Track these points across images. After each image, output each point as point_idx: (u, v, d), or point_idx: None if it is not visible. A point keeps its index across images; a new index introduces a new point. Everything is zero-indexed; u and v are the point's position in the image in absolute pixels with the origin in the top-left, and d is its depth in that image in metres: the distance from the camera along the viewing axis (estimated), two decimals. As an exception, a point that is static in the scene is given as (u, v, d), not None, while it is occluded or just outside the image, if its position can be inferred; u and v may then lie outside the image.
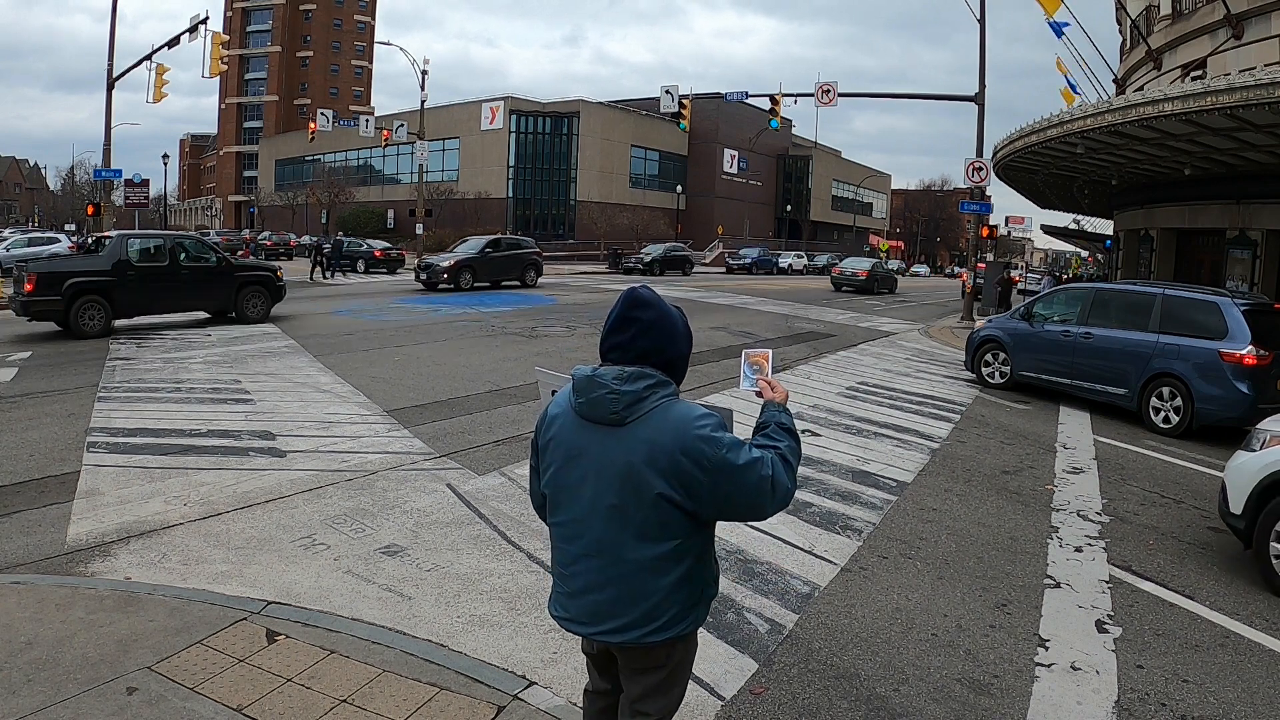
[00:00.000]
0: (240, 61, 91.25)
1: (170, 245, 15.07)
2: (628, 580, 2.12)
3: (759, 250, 50.72)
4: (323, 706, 3.11)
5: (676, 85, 27.21)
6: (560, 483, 2.18)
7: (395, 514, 5.44)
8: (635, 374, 2.06)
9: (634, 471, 2.04)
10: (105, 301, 13.60)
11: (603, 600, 2.15)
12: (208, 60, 22.72)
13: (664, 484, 2.02)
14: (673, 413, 2.05)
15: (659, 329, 2.12)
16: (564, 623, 2.26)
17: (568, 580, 2.22)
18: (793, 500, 2.28)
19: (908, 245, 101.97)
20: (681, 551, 2.12)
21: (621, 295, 2.19)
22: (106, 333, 13.55)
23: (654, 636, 2.15)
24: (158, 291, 14.49)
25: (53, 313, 13.26)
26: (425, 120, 39.18)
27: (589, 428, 2.11)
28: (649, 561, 2.10)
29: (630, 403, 2.04)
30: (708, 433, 2.03)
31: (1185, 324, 9.45)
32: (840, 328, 18.87)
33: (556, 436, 2.19)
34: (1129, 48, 26.93)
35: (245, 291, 15.88)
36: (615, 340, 2.13)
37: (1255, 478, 5.05)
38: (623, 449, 2.05)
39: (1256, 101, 11.18)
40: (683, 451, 2.01)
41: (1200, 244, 20.77)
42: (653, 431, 2.03)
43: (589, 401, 2.09)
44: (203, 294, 15.39)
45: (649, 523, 2.07)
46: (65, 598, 3.93)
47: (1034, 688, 3.69)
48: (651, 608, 2.13)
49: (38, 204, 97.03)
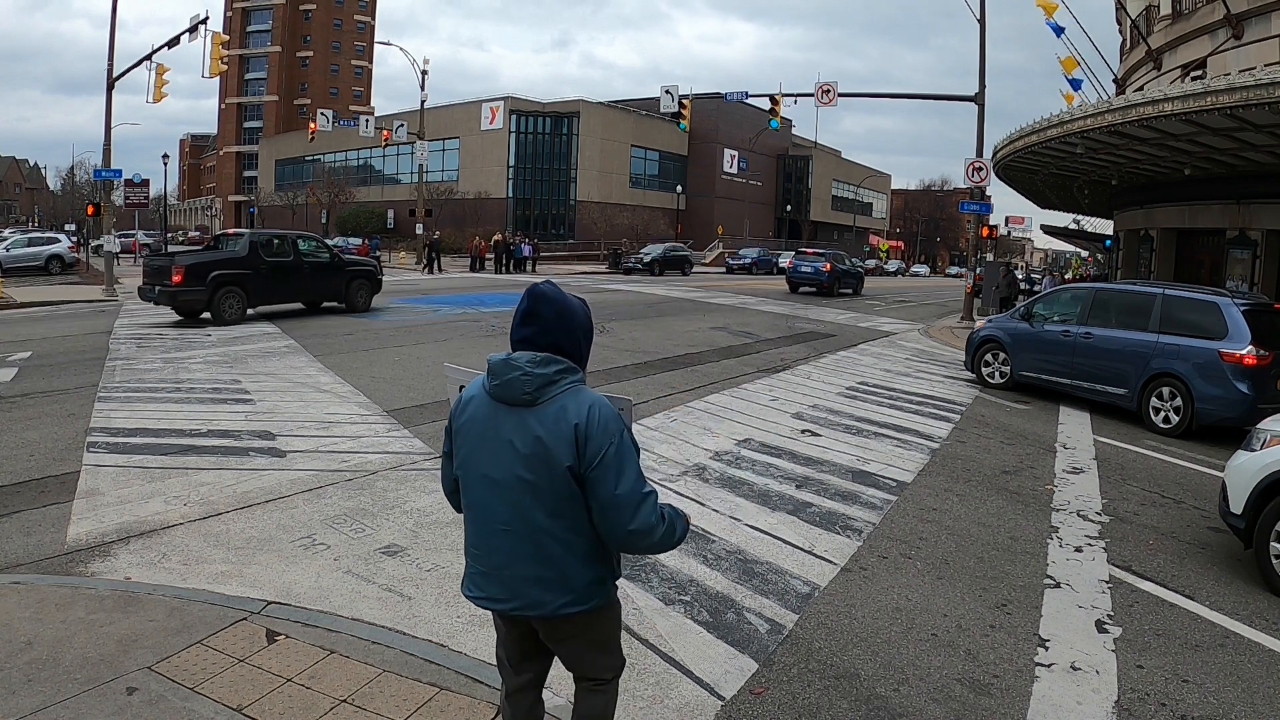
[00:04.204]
0: (240, 61, 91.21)
1: (291, 241, 16.68)
2: (542, 553, 2.22)
3: (759, 250, 50.63)
4: (323, 706, 3.11)
5: (676, 85, 27.16)
6: (473, 462, 2.28)
7: (395, 514, 5.44)
8: (546, 359, 2.20)
9: (544, 447, 2.15)
10: (242, 291, 15.08)
11: (518, 575, 2.25)
12: (208, 60, 22.66)
13: (571, 458, 2.15)
14: (581, 396, 2.20)
15: (562, 323, 2.26)
16: (480, 601, 2.34)
17: (481, 559, 2.31)
18: (682, 542, 2.41)
19: (908, 245, 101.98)
20: (589, 527, 2.24)
21: (525, 291, 2.32)
22: (242, 320, 15.04)
23: (569, 609, 2.26)
24: (283, 283, 16.09)
25: (198, 302, 14.63)
26: (425, 120, 39.20)
27: (502, 409, 2.22)
28: (561, 535, 2.22)
29: (542, 384, 2.18)
30: (610, 418, 2.18)
31: (1185, 324, 9.45)
32: (840, 328, 18.87)
33: (471, 418, 2.30)
34: (1129, 48, 26.93)
35: (354, 284, 17.52)
36: (523, 333, 2.26)
37: (1255, 478, 5.05)
38: (534, 427, 2.17)
39: (1256, 101, 11.18)
40: (587, 429, 2.14)
41: (1200, 244, 20.77)
42: (561, 411, 2.16)
43: (504, 383, 2.21)
44: (320, 285, 16.95)
45: (559, 497, 2.18)
46: (65, 598, 3.93)
47: (1034, 688, 3.69)
48: (566, 580, 2.24)
49: (38, 204, 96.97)
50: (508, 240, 38.72)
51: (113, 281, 21.68)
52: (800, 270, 28.78)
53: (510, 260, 36.99)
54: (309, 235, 18.80)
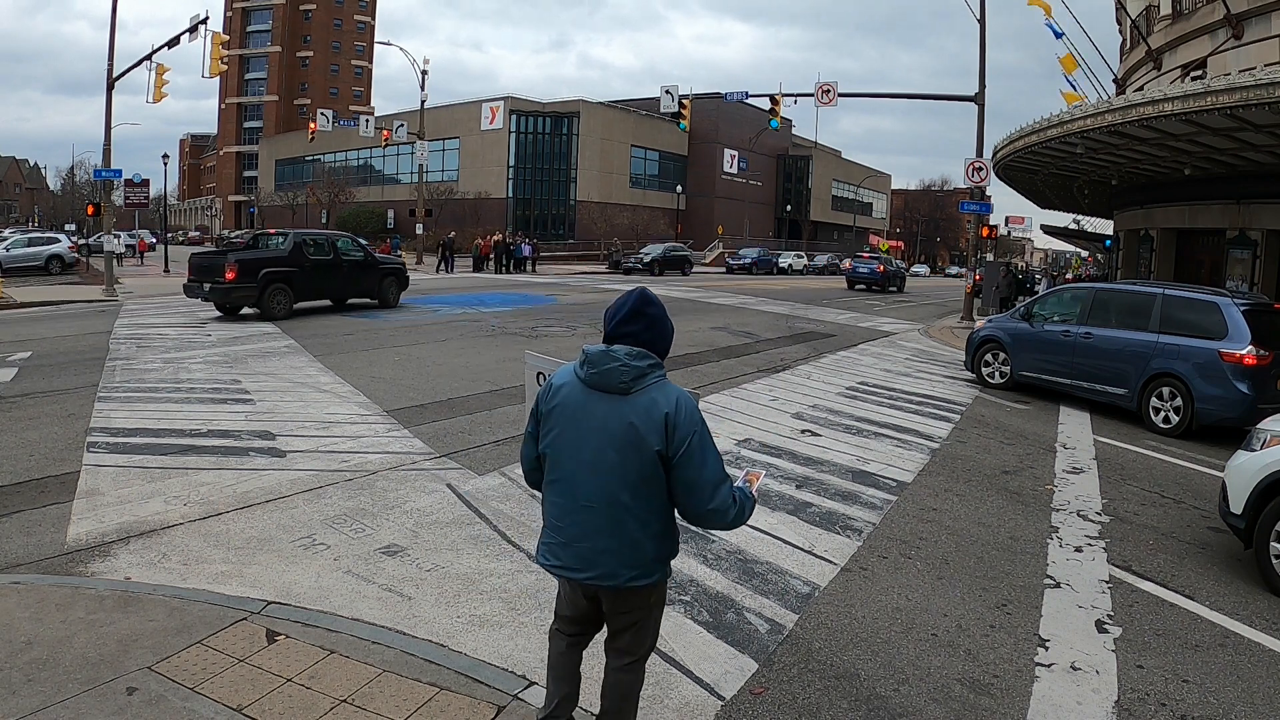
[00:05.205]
0: (240, 61, 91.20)
1: (331, 241, 17.67)
2: (620, 529, 2.48)
3: (759, 250, 50.61)
4: (323, 706, 3.11)
5: (676, 85, 27.11)
6: (562, 442, 2.54)
7: (395, 514, 5.44)
8: (641, 353, 2.50)
9: (637, 433, 2.42)
10: (289, 288, 15.84)
11: (596, 547, 2.50)
12: (208, 60, 22.62)
13: (661, 443, 2.42)
14: (668, 389, 2.50)
15: (661, 324, 2.59)
16: (555, 569, 2.60)
17: (561, 530, 2.56)
18: (749, 516, 2.64)
19: (908, 245, 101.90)
20: (663, 509, 2.53)
21: (634, 293, 2.62)
22: (289, 315, 15.72)
23: (638, 581, 2.53)
24: (325, 280, 16.93)
25: (249, 298, 15.35)
26: (425, 120, 39.19)
27: (595, 395, 2.49)
28: (639, 514, 2.48)
29: (637, 376, 2.47)
30: (694, 409, 2.49)
31: (1185, 324, 9.45)
32: (840, 328, 18.86)
33: (563, 402, 2.55)
34: (1129, 48, 26.93)
35: (385, 280, 18.25)
36: (627, 329, 2.54)
37: (1255, 478, 5.06)
38: (627, 413, 2.44)
39: (1256, 101, 11.18)
40: (676, 418, 2.43)
41: (1200, 244, 20.76)
42: (652, 401, 2.45)
43: (601, 372, 2.48)
44: (357, 283, 17.70)
45: (643, 478, 2.45)
46: (65, 598, 3.93)
47: (1034, 688, 3.69)
48: (638, 555, 2.51)
49: (38, 204, 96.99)
50: (508, 240, 38.76)
51: (113, 281, 21.67)
52: (859, 271, 36.23)
53: (510, 260, 37.04)
54: (344, 235, 19.65)
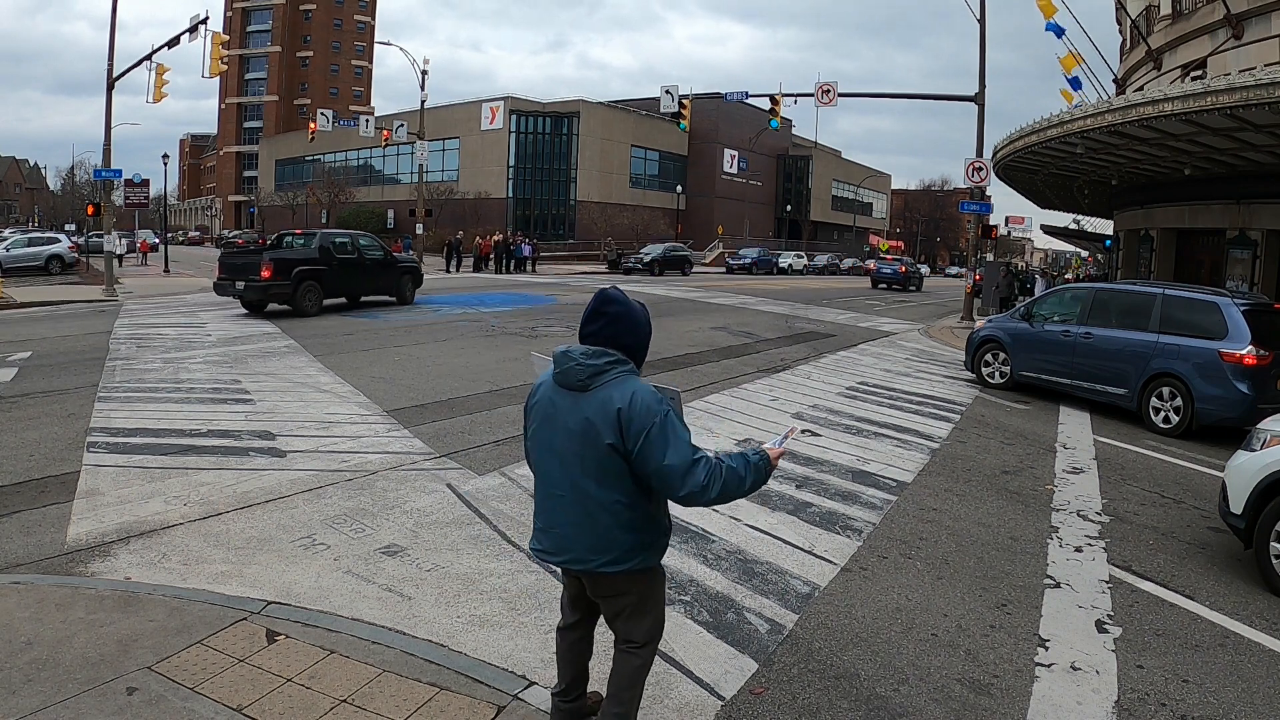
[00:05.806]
0: (240, 61, 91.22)
1: (355, 240, 18.42)
2: (587, 517, 2.62)
3: (759, 250, 50.62)
4: (323, 706, 3.11)
5: (676, 86, 27.10)
6: (539, 437, 2.73)
7: (395, 514, 5.44)
8: (598, 352, 2.61)
9: (591, 426, 2.56)
10: (319, 286, 16.48)
11: (565, 533, 2.67)
12: (208, 60, 22.60)
13: (614, 437, 2.53)
14: (626, 384, 2.58)
15: (621, 321, 2.66)
16: (538, 554, 2.79)
17: (541, 516, 2.76)
18: (740, 496, 2.68)
19: (908, 245, 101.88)
20: (632, 499, 2.62)
21: (595, 293, 2.71)
22: (320, 312, 16.37)
23: (608, 568, 2.64)
24: (351, 278, 17.68)
25: (283, 295, 15.94)
26: (425, 120, 39.15)
27: (562, 392, 2.65)
28: (605, 503, 2.60)
29: (592, 374, 2.59)
30: (651, 402, 2.53)
31: (1185, 324, 9.45)
32: (840, 328, 18.86)
33: (540, 400, 2.74)
34: (1129, 48, 26.93)
35: (403, 278, 19.02)
36: (589, 328, 2.67)
37: (1255, 478, 5.05)
38: (585, 408, 2.58)
39: (1256, 101, 11.18)
40: (629, 412, 2.51)
41: (1200, 244, 20.76)
42: (607, 397, 2.55)
43: (562, 371, 2.64)
44: (378, 280, 18.46)
45: (603, 469, 2.57)
46: (65, 598, 3.93)
47: (1034, 688, 3.69)
48: (602, 542, 2.62)
49: (38, 204, 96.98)
50: (508, 240, 38.77)
51: (113, 281, 21.66)
52: (883, 271, 39.76)
53: (510, 260, 37.05)
54: (365, 234, 20.39)
